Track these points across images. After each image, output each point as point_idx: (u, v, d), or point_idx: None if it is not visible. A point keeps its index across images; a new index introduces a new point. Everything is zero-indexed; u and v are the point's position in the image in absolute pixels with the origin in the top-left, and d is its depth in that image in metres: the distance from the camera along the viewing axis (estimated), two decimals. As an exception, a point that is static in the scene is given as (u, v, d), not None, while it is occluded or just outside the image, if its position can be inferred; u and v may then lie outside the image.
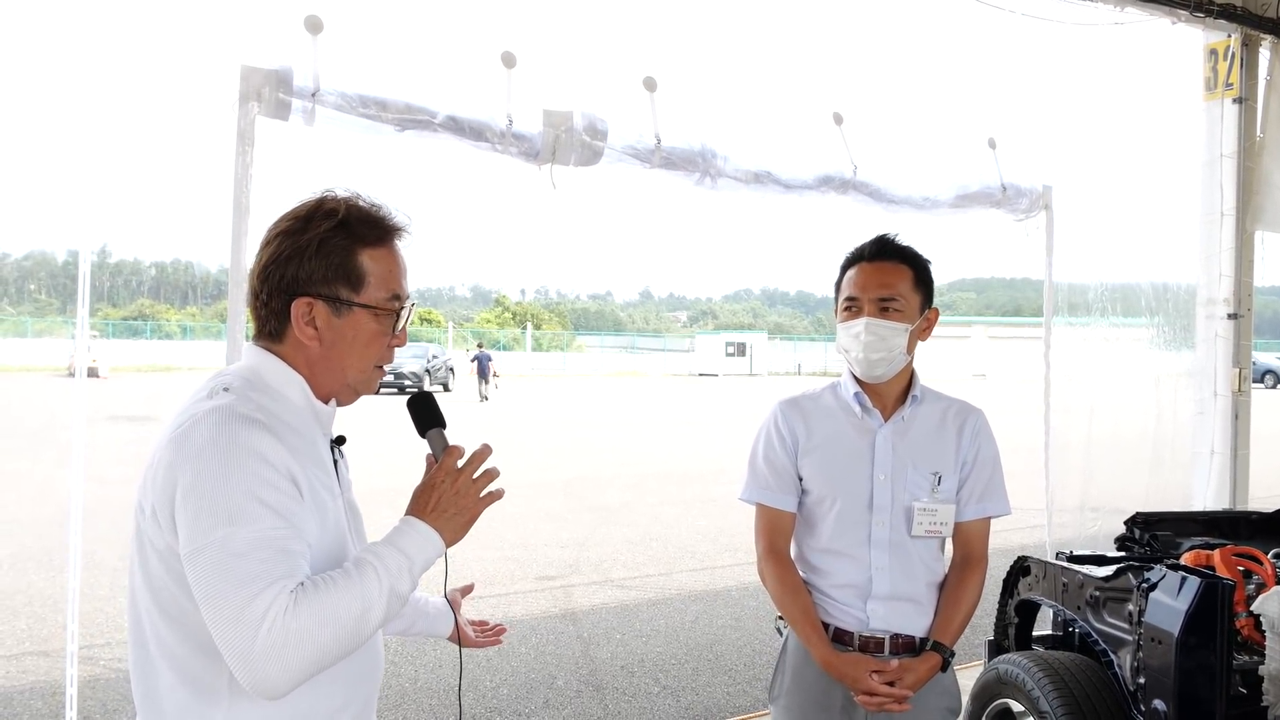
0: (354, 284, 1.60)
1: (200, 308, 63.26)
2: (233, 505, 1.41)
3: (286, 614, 1.37)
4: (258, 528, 1.41)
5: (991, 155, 5.07)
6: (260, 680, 1.38)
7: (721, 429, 21.58)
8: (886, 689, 2.32)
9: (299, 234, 1.59)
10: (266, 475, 1.45)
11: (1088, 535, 5.42)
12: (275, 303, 1.60)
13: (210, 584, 1.39)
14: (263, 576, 1.39)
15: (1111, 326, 5.89)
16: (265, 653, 1.36)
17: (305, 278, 1.58)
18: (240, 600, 1.37)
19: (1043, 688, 3.13)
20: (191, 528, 1.41)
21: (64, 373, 33.77)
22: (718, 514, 11.13)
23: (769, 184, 4.47)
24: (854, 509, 2.45)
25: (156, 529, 1.48)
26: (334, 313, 1.60)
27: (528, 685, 5.63)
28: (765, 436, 2.57)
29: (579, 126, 3.84)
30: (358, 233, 1.61)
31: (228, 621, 1.37)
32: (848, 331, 2.47)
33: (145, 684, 1.57)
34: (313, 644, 1.39)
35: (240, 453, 1.44)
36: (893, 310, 2.42)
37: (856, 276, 2.48)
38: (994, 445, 2.55)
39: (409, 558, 1.53)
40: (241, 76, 3.22)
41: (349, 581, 1.46)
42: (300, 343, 1.61)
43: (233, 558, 1.39)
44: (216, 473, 1.42)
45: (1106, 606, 3.19)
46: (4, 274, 55.55)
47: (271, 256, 1.60)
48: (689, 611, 7.24)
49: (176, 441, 1.47)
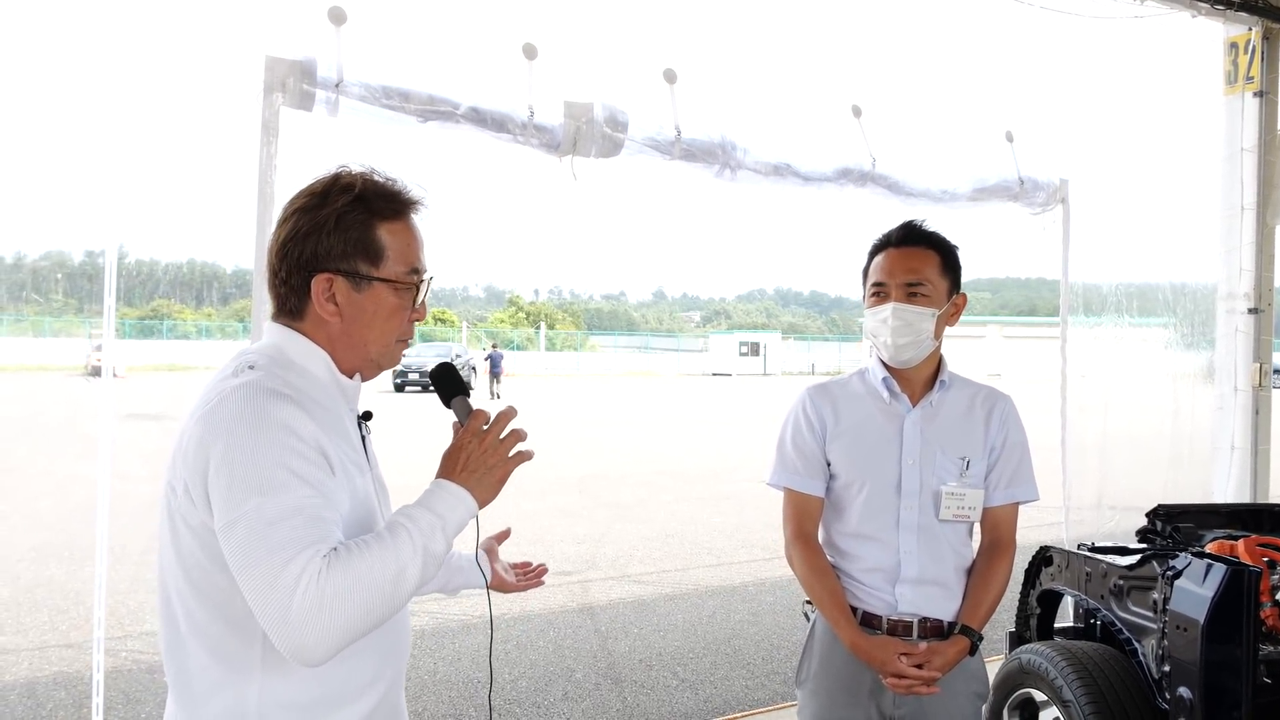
0: (373, 258, 1.60)
1: (216, 307, 63.57)
2: (263, 476, 1.41)
3: (320, 578, 1.37)
4: (289, 496, 1.41)
5: (1009, 148, 5.06)
6: (298, 646, 1.37)
7: (736, 428, 21.59)
8: (915, 671, 2.32)
9: (316, 210, 1.59)
10: (296, 446, 1.45)
11: (1105, 532, 5.40)
12: (295, 279, 1.60)
13: (244, 554, 1.39)
14: (295, 542, 1.39)
15: (1129, 326, 5.86)
16: (301, 618, 1.36)
17: (324, 253, 1.58)
18: (273, 567, 1.37)
19: (1066, 677, 3.13)
20: (224, 501, 1.42)
21: (81, 371, 33.98)
22: (733, 511, 11.13)
23: (788, 176, 4.47)
24: (882, 493, 2.46)
25: (190, 506, 1.49)
26: (354, 287, 1.60)
27: (546, 678, 5.65)
28: (793, 422, 2.58)
29: (600, 118, 3.85)
30: (375, 207, 1.61)
31: (262, 589, 1.37)
32: (875, 316, 2.48)
33: (177, 663, 1.58)
34: (348, 607, 1.38)
35: (269, 425, 1.45)
36: (920, 295, 2.43)
37: (884, 262, 2.49)
38: (1022, 431, 2.55)
39: (441, 517, 1.53)
40: (266, 67, 3.24)
41: (381, 544, 1.45)
42: (321, 319, 1.61)
43: (265, 526, 1.39)
44: (246, 446, 1.43)
45: (1130, 595, 3.18)
46: (21, 274, 55.89)
47: (289, 233, 1.60)
48: (706, 606, 7.24)
49: (205, 418, 1.48)
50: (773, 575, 8.04)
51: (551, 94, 3.78)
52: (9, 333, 43.15)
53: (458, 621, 6.56)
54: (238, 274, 72.46)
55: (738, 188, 4.43)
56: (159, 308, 61.84)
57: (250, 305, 3.22)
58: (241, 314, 57.44)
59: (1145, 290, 5.94)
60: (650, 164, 4.11)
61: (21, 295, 53.81)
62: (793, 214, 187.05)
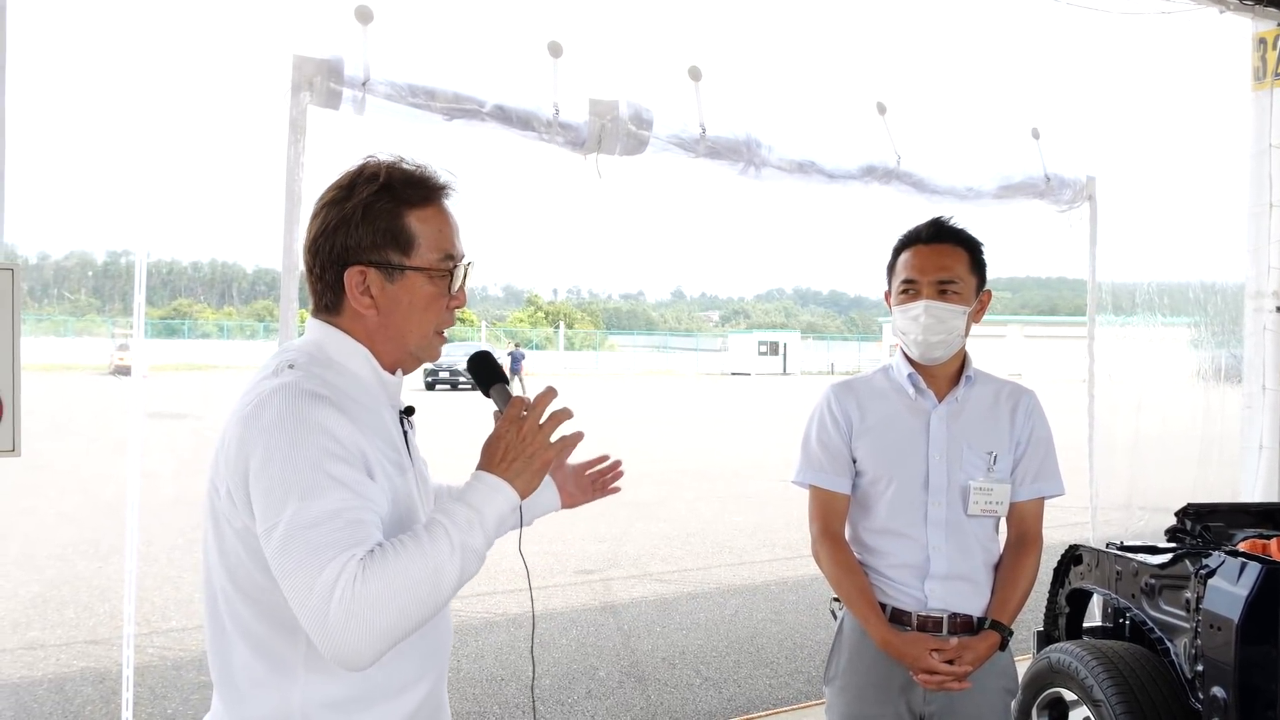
0: (403, 247, 1.58)
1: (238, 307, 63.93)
2: (302, 480, 1.40)
3: (356, 581, 1.35)
4: (328, 500, 1.40)
5: (1035, 145, 5.02)
6: (339, 650, 1.36)
7: (756, 427, 21.56)
8: (947, 667, 2.32)
9: (343, 202, 1.57)
10: (334, 449, 1.43)
11: (1134, 532, 5.36)
12: (329, 275, 1.59)
13: (284, 559, 1.38)
14: (333, 546, 1.37)
15: (1160, 325, 5.80)
16: (340, 622, 1.34)
17: (354, 246, 1.56)
18: (311, 571, 1.36)
19: (1097, 676, 3.11)
20: (264, 505, 1.41)
21: (104, 371, 34.25)
22: (754, 510, 11.11)
23: (813, 174, 4.46)
24: (910, 489, 2.45)
25: (232, 509, 1.48)
26: (387, 279, 1.57)
27: (569, 676, 5.65)
28: (818, 419, 2.57)
29: (624, 116, 3.84)
30: (402, 195, 1.58)
31: (302, 593, 1.36)
32: (906, 314, 2.46)
33: (221, 661, 1.57)
34: (387, 609, 1.37)
35: (308, 428, 1.43)
36: (951, 293, 2.42)
37: (913, 259, 2.47)
38: (1047, 426, 2.55)
39: (478, 511, 1.50)
40: (294, 66, 3.25)
41: (418, 544, 1.43)
42: (358, 313, 1.59)
43: (304, 530, 1.38)
44: (285, 449, 1.42)
45: (1162, 594, 3.15)
46: (45, 274, 56.38)
47: (320, 229, 1.59)
48: (728, 605, 7.23)
49: (245, 420, 1.47)
50: (794, 574, 8.02)
51: (576, 92, 3.79)
52: (32, 332, 43.52)
53: (481, 619, 6.58)
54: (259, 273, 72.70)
55: (758, 186, 4.42)
56: (181, 307, 62.28)
57: (272, 305, 3.23)
58: (262, 314, 57.77)
59: (1175, 289, 5.88)
60: (674, 162, 4.10)
61: (46, 295, 54.27)
62: (811, 213, 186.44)
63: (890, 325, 2.61)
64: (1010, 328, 55.52)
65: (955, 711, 2.40)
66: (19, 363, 2.68)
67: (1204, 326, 5.98)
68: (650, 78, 4.06)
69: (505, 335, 58.50)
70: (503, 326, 70.88)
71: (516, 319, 79.98)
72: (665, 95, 4.00)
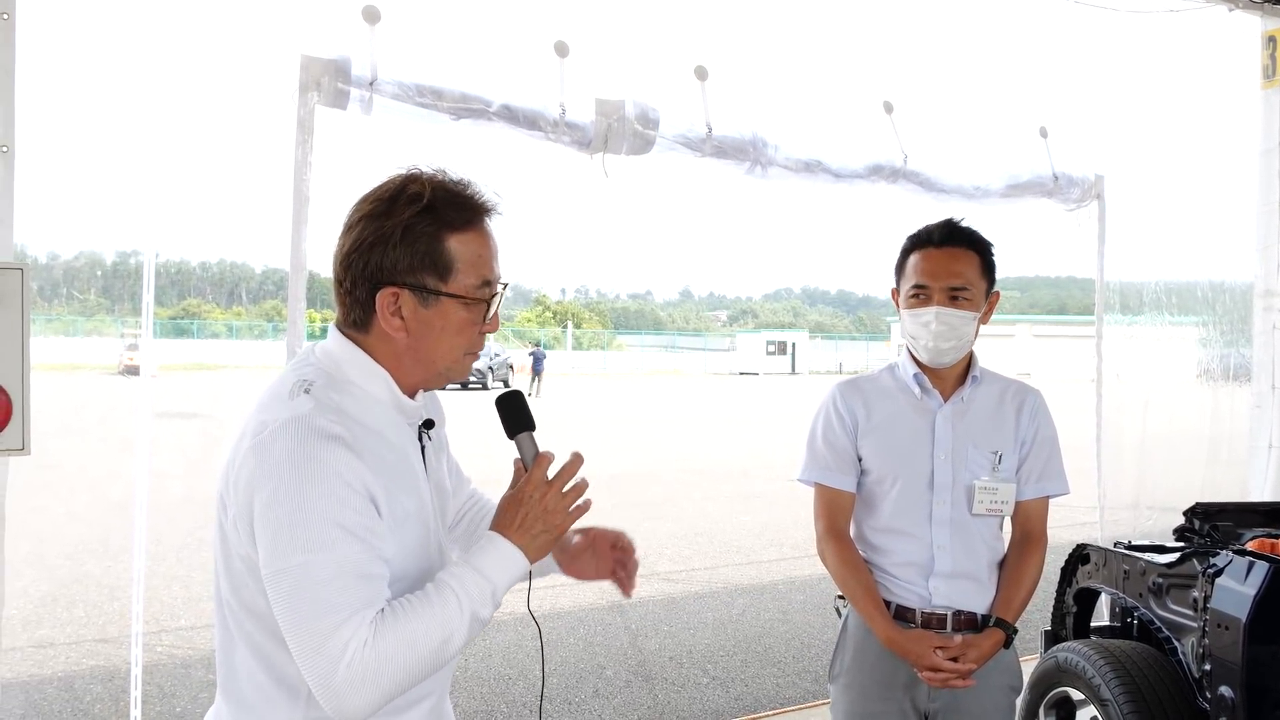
0: (441, 273, 1.52)
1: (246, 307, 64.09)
2: (311, 531, 1.38)
3: (367, 647, 1.36)
4: (336, 554, 1.38)
5: (1043, 144, 5.01)
6: (341, 708, 1.37)
7: (764, 427, 21.54)
8: (951, 665, 2.33)
9: (383, 219, 1.50)
10: (344, 496, 1.40)
11: (1142, 532, 5.34)
12: (360, 291, 1.53)
13: (291, 610, 1.37)
14: (343, 607, 1.36)
15: (1168, 325, 5.78)
16: (345, 684, 1.35)
17: (390, 266, 1.50)
18: (322, 631, 1.35)
19: (1104, 675, 3.10)
20: (270, 550, 1.39)
21: (113, 371, 34.35)
22: (762, 509, 11.11)
23: (819, 173, 4.45)
24: (915, 488, 2.46)
25: (237, 535, 1.47)
26: (421, 303, 1.52)
27: (577, 675, 5.66)
28: (824, 417, 2.58)
29: (631, 115, 3.85)
30: (445, 217, 1.52)
31: (310, 651, 1.36)
32: (916, 320, 2.45)
33: (228, 667, 1.57)
34: (393, 673, 1.38)
35: (318, 473, 1.40)
36: (962, 299, 2.41)
37: (924, 263, 2.45)
38: (1052, 425, 2.55)
39: (491, 582, 1.49)
40: (301, 66, 3.26)
41: (429, 609, 1.43)
42: (386, 334, 1.53)
43: (313, 585, 1.36)
44: (294, 494, 1.39)
45: (1170, 593, 3.15)
46: (55, 274, 56.60)
47: (355, 243, 1.52)
48: (736, 605, 7.23)
49: (256, 451, 1.43)
50: (802, 574, 8.02)
51: (583, 91, 3.79)
52: (42, 332, 43.72)
53: (493, 619, 6.58)
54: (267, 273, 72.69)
55: (765, 187, 4.42)
56: (190, 307, 62.52)
57: (280, 305, 3.25)
58: (271, 313, 57.91)
59: (1183, 288, 5.86)
60: (680, 161, 4.10)
61: (55, 295, 54.47)
62: (819, 213, 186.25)
63: (898, 325, 2.61)
64: (1019, 327, 55.43)
65: (959, 709, 2.42)
66: (29, 362, 2.69)
67: (1212, 326, 5.96)
68: (656, 77, 4.06)
69: (513, 335, 58.56)
70: (511, 326, 70.94)
71: (524, 318, 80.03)
72: (671, 95, 4.00)
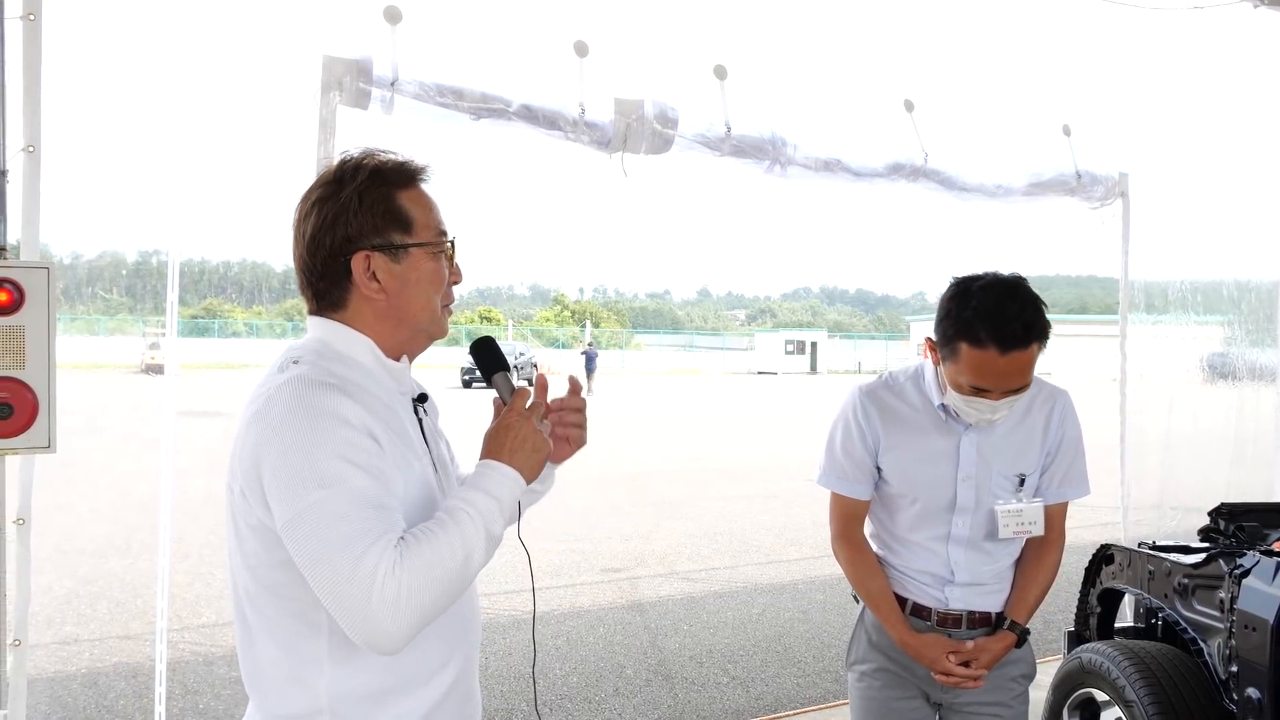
0: (404, 227, 1.61)
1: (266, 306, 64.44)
2: (322, 469, 1.41)
3: (395, 568, 1.38)
4: (351, 487, 1.42)
5: (1066, 142, 4.98)
6: (377, 636, 1.39)
7: (783, 426, 21.50)
8: (963, 670, 2.37)
9: (336, 195, 1.59)
10: (347, 435, 1.45)
11: (1167, 532, 5.30)
12: (332, 268, 1.60)
13: (314, 550, 1.40)
14: (366, 534, 1.39)
15: (1192, 323, 5.73)
16: (381, 609, 1.37)
17: (356, 233, 1.58)
18: (348, 560, 1.38)
19: (1129, 676, 3.08)
20: (285, 498, 1.42)
21: (135, 369, 34.60)
22: (781, 509, 11.09)
23: (839, 172, 4.44)
24: (934, 509, 2.43)
25: (246, 505, 1.50)
26: (392, 259, 1.60)
27: (597, 674, 5.66)
28: (844, 427, 2.50)
29: (650, 114, 3.85)
30: (391, 178, 1.62)
31: (339, 583, 1.38)
32: (970, 405, 2.28)
33: (249, 660, 1.59)
34: (423, 595, 1.41)
35: (320, 418, 1.45)
36: (1022, 389, 2.27)
37: (985, 371, 2.21)
38: (1078, 427, 2.51)
39: (498, 500, 1.55)
40: (324, 66, 3.28)
41: (447, 531, 1.47)
42: (364, 302, 1.61)
43: (333, 520, 1.39)
44: (301, 441, 1.43)
45: (1196, 594, 3.12)
46: (78, 274, 57.03)
47: (317, 224, 1.60)
48: (755, 604, 7.22)
49: (256, 419, 1.48)
50: (822, 573, 8.00)
51: (602, 91, 3.79)
52: (66, 331, 44.04)
53: (508, 617, 6.60)
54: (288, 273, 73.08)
55: (783, 185, 4.40)
56: (211, 306, 62.91)
57: (300, 304, 3.26)
58: (291, 313, 58.20)
59: (1209, 287, 5.80)
60: (699, 160, 4.10)
61: (79, 294, 54.90)
62: (838, 212, 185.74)
63: (917, 324, 2.58)
64: (1039, 326, 54.95)
65: (973, 696, 2.46)
66: (54, 360, 2.71)
67: (1238, 325, 5.90)
68: (675, 76, 4.05)
69: (531, 334, 58.64)
70: (529, 325, 71.06)
71: (543, 318, 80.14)
72: (690, 94, 3.99)
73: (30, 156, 2.86)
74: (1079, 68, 5.42)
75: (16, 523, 2.85)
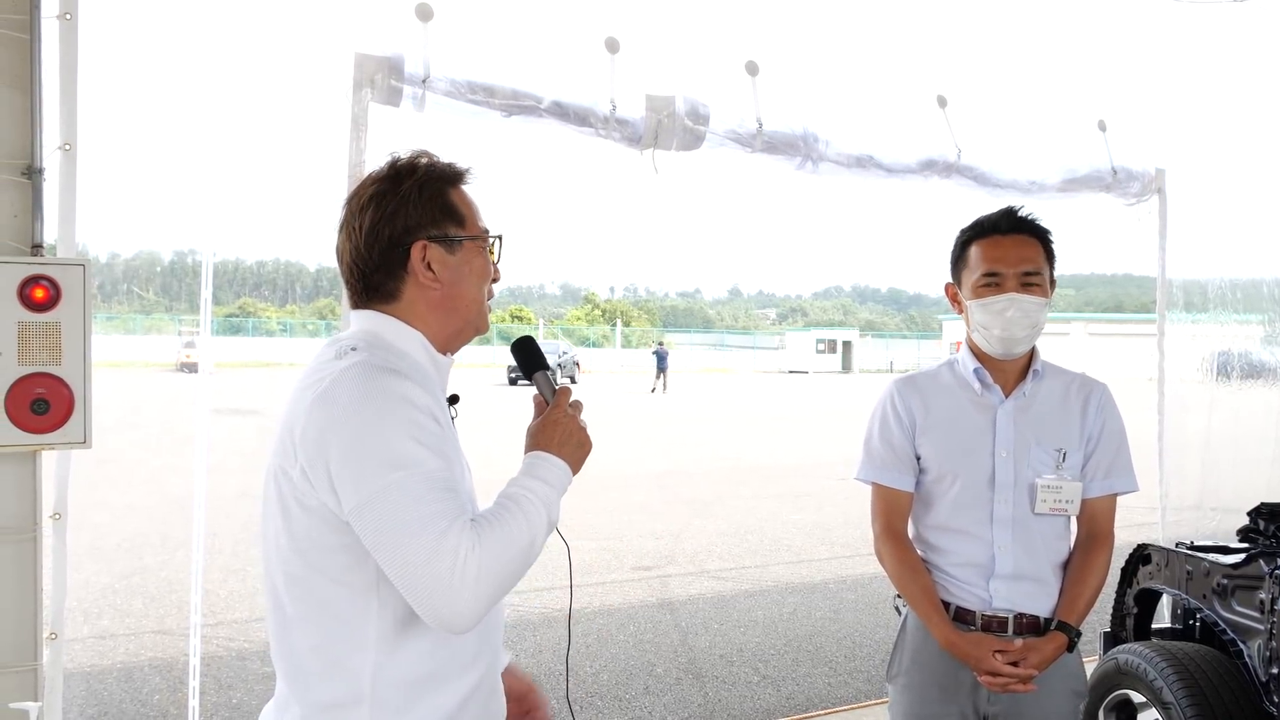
0: (458, 220, 1.68)
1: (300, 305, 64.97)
2: (396, 451, 1.44)
3: (475, 548, 1.43)
4: (425, 469, 1.45)
5: (1101, 138, 4.92)
6: (455, 615, 1.42)
7: (814, 425, 21.41)
8: (1010, 669, 2.26)
9: (394, 190, 1.65)
10: (418, 419, 1.49)
11: (1206, 533, 5.22)
12: (390, 258, 1.64)
13: (391, 530, 1.42)
14: (444, 515, 1.43)
15: (1232, 322, 5.64)
16: (463, 587, 1.41)
17: (415, 224, 1.64)
18: (429, 540, 1.41)
19: (1166, 678, 3.03)
20: (358, 481, 1.44)
21: (171, 368, 34.99)
22: (812, 508, 11.03)
23: (871, 168, 4.41)
24: (975, 487, 2.40)
25: (308, 487, 1.50)
26: (447, 250, 1.66)
27: (627, 672, 5.66)
28: (881, 416, 2.53)
29: (681, 111, 3.83)
30: (443, 174, 1.69)
31: (419, 563, 1.41)
32: (988, 309, 2.37)
33: (286, 648, 1.59)
34: (497, 576, 1.45)
35: (390, 400, 1.48)
36: (1035, 286, 2.36)
37: (994, 250, 2.39)
38: (1120, 420, 2.47)
39: (554, 487, 1.60)
40: (355, 64, 3.29)
41: (513, 514, 1.52)
42: (415, 296, 1.65)
43: (411, 501, 1.42)
44: (372, 424, 1.46)
45: (1235, 595, 3.07)
46: (115, 272, 57.78)
47: (375, 217, 1.64)
48: (786, 603, 7.19)
49: (322, 401, 1.49)
50: (853, 573, 7.96)
51: (633, 87, 3.78)
52: (103, 330, 44.62)
53: (539, 615, 6.61)
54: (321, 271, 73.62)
55: (816, 183, 4.38)
56: (245, 305, 63.54)
57: (333, 303, 3.28)
58: (324, 311, 58.68)
59: (1249, 285, 5.70)
60: (731, 157, 4.08)
61: (115, 293, 55.61)
62: (870, 210, 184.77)
63: (951, 324, 2.56)
64: (1074, 325, 54.49)
65: (1021, 713, 2.34)
66: (90, 356, 2.74)
67: (1279, 323, 5.80)
68: (707, 73, 4.03)
69: (562, 333, 58.74)
70: (560, 324, 71.21)
71: (574, 316, 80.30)
72: (722, 90, 3.97)
73: (67, 155, 2.89)
74: (1114, 61, 5.35)
75: (53, 518, 2.88)
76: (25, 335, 2.66)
